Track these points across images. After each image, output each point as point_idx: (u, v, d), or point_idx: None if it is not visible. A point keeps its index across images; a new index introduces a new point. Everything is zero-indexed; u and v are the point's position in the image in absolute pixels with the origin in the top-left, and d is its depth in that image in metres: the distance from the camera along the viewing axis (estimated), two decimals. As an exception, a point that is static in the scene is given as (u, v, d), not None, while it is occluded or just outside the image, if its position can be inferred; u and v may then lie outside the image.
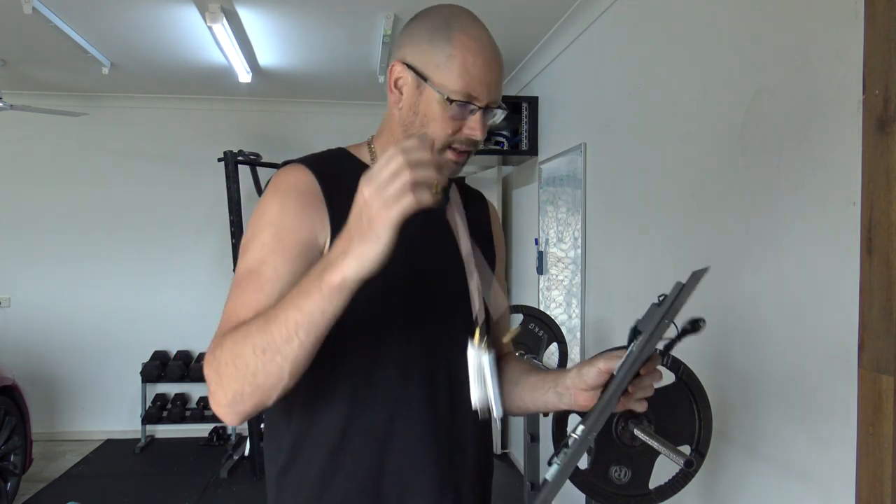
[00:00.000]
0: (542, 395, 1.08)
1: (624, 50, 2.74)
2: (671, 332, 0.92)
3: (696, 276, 0.92)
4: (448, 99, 0.99)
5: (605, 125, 2.93)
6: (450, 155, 1.04)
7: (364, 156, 1.12)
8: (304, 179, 1.03)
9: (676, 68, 2.26)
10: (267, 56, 3.99)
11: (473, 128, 1.02)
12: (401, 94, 1.04)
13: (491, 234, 1.24)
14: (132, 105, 5.07)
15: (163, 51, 3.89)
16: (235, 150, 4.41)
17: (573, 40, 3.30)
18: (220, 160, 4.37)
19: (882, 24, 1.27)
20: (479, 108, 1.01)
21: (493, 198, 4.62)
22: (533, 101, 3.93)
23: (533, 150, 3.95)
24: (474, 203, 1.24)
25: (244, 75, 4.05)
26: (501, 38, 1.10)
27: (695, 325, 0.93)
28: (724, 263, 1.93)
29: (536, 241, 3.95)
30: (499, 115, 1.03)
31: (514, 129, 4.00)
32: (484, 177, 4.81)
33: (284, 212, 1.00)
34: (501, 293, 1.16)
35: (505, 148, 4.01)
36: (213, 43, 3.59)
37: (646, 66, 2.51)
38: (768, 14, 1.74)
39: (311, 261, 0.94)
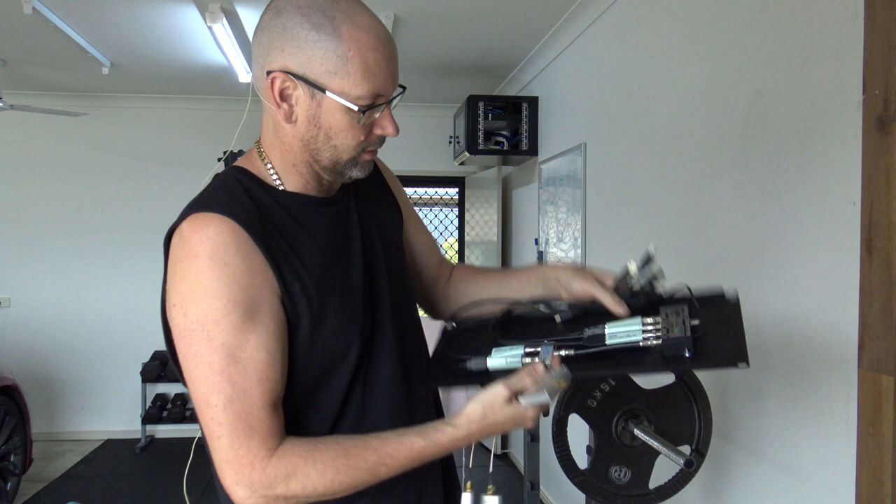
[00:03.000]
0: (518, 286, 1.18)
1: (624, 50, 2.73)
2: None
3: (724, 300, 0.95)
4: (359, 109, 0.89)
5: (605, 125, 2.93)
6: (365, 157, 0.96)
7: (263, 173, 0.98)
8: (234, 236, 0.88)
9: (676, 68, 2.26)
10: (267, 56, 3.98)
11: (386, 126, 0.94)
12: (290, 107, 0.91)
13: (395, 198, 1.16)
14: (132, 105, 5.07)
15: (163, 51, 3.89)
16: (236, 150, 4.41)
17: (573, 40, 3.29)
18: (220, 160, 4.37)
19: (882, 24, 1.27)
20: (387, 103, 0.93)
21: (493, 198, 4.63)
22: (533, 101, 3.93)
23: (533, 150, 3.95)
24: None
25: (244, 75, 4.04)
26: (502, 37, 1.08)
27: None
28: (723, 263, 1.93)
29: (536, 241, 3.95)
30: (399, 97, 0.95)
31: (514, 129, 4.00)
32: (484, 177, 4.81)
33: (237, 283, 0.87)
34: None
35: (505, 148, 4.01)
36: (213, 43, 3.59)
37: (646, 66, 2.51)
38: (768, 14, 1.74)
39: (283, 322, 0.90)
